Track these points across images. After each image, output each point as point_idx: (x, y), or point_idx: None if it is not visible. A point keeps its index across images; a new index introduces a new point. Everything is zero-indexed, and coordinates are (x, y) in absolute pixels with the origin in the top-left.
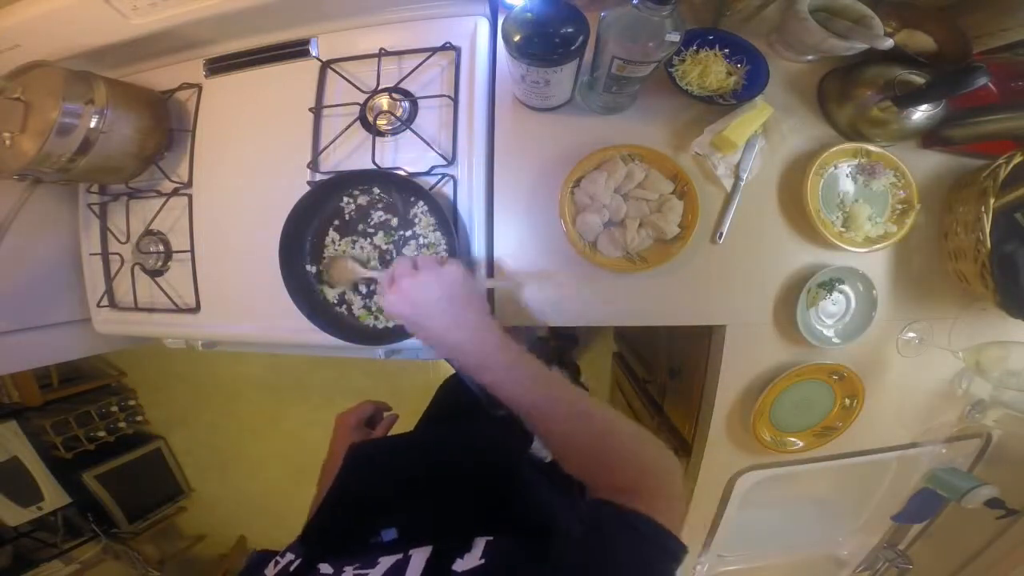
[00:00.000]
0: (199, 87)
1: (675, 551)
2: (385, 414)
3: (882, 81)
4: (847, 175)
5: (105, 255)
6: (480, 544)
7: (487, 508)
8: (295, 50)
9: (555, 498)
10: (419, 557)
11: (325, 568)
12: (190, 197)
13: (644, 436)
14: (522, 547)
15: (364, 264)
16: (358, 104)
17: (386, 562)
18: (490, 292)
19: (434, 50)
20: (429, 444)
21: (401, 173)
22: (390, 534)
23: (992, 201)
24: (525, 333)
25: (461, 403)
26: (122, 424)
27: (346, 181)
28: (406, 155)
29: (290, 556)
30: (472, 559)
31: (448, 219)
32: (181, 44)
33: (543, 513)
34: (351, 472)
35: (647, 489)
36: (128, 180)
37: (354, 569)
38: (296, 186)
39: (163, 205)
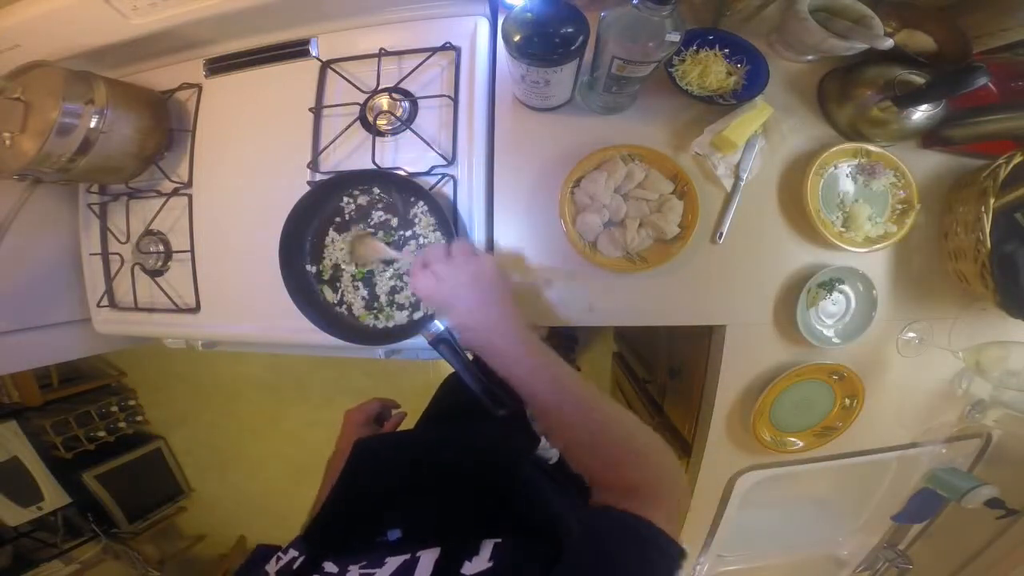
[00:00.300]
0: (199, 87)
1: (675, 555)
2: (393, 412)
3: (882, 81)
4: (847, 175)
5: (105, 255)
6: (488, 547)
7: (489, 508)
8: (295, 50)
9: (557, 498)
10: (427, 558)
11: (329, 567)
12: (190, 197)
13: (649, 435)
14: (528, 549)
15: (390, 245)
16: (358, 104)
17: (393, 562)
18: None
19: (434, 50)
20: (432, 442)
21: (401, 173)
22: (395, 534)
23: (992, 201)
24: None
25: (461, 402)
26: (122, 424)
27: (346, 181)
28: (406, 155)
29: (293, 553)
30: (481, 562)
31: (448, 219)
32: (181, 44)
33: (546, 512)
34: (357, 466)
35: (649, 488)
36: (128, 180)
37: (360, 568)
38: (296, 186)
39: (163, 205)
